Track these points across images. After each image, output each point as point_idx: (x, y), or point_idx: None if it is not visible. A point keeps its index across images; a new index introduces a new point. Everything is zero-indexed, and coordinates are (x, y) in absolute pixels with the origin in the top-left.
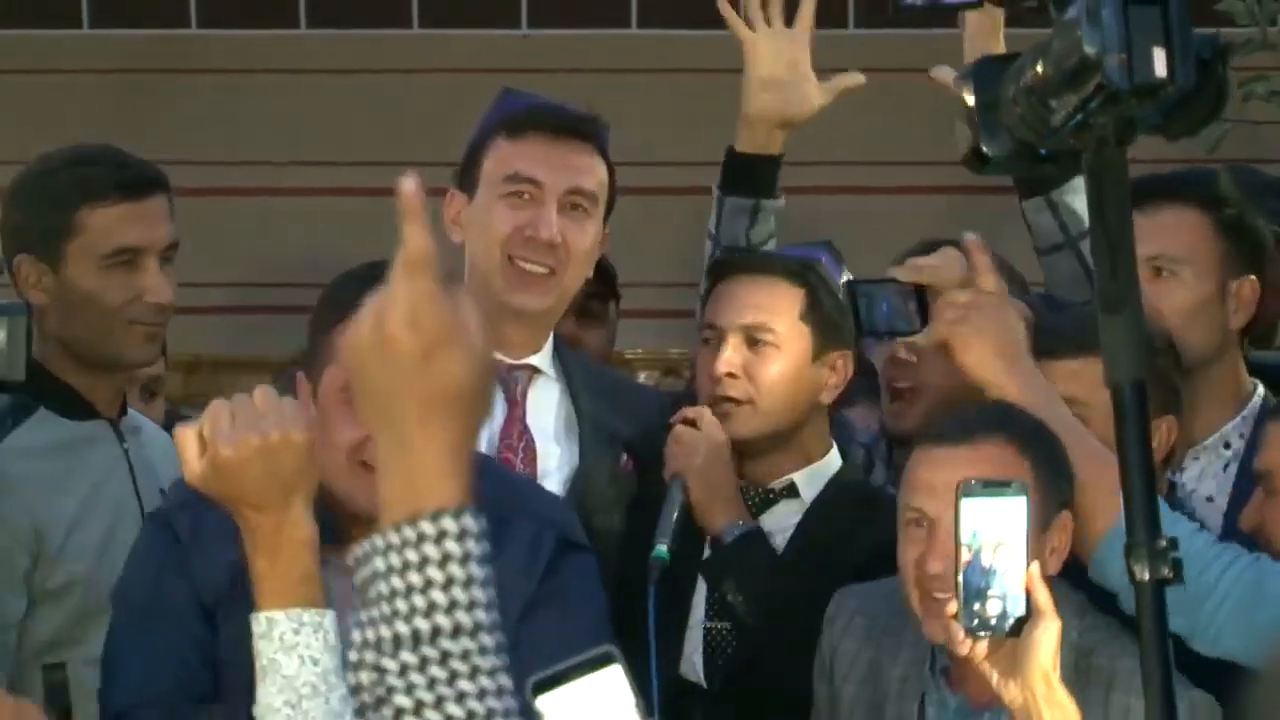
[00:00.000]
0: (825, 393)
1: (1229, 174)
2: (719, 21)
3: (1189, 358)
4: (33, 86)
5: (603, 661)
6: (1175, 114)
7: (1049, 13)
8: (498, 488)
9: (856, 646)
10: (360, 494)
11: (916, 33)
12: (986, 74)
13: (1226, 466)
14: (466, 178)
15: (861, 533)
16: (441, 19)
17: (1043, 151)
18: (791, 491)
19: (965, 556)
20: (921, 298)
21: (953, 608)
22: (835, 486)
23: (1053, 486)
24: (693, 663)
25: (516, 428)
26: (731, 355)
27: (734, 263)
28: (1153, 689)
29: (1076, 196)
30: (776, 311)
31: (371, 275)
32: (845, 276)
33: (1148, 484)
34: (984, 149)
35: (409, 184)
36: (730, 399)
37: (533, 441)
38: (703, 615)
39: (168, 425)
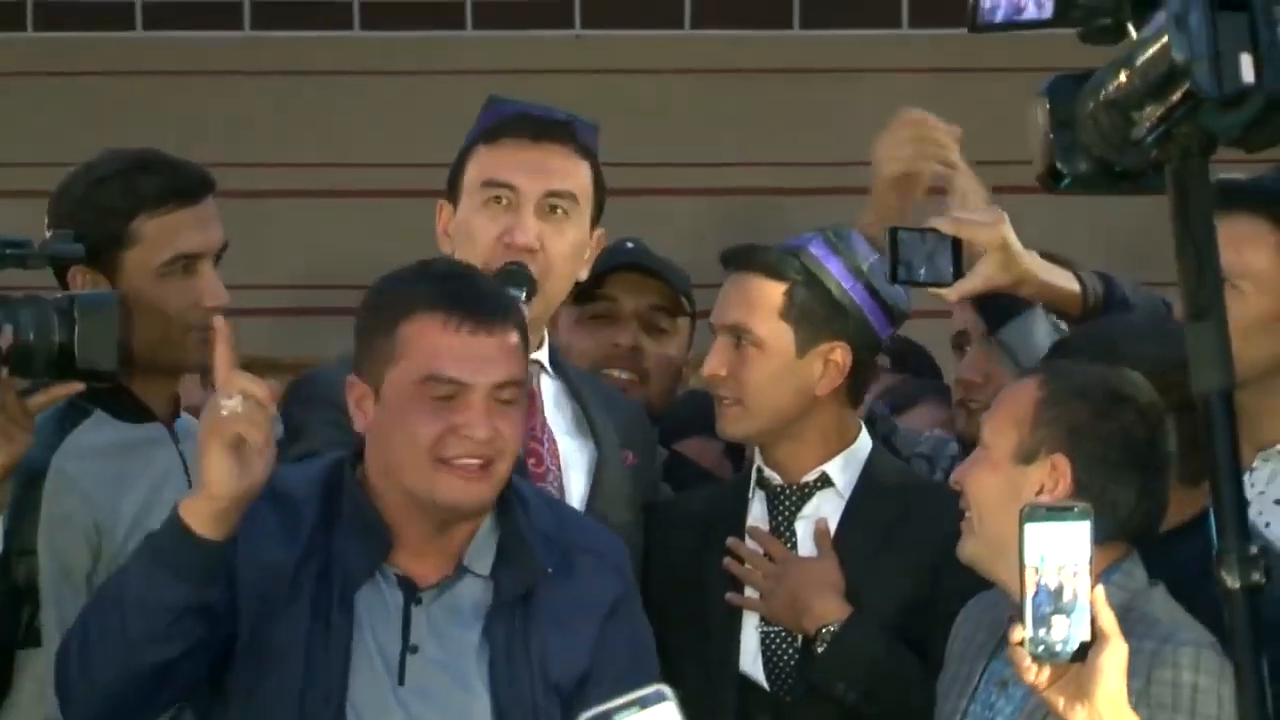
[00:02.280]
0: (821, 385)
1: None
2: (773, 22)
3: (1243, 372)
4: (87, 89)
5: (655, 700)
6: (1257, 125)
7: (1124, 31)
8: (555, 519)
9: (969, 629)
10: (443, 491)
11: (964, 33)
12: (1061, 91)
13: None
14: (452, 188)
15: (903, 520)
16: (494, 20)
17: (1118, 169)
18: (825, 481)
19: (1030, 581)
20: (957, 251)
21: (1019, 634)
22: (868, 476)
23: None
24: (756, 665)
25: (538, 419)
26: (717, 356)
27: (727, 257)
28: (1247, 695)
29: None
30: (755, 310)
31: (424, 273)
32: (838, 263)
33: (1237, 491)
34: (1059, 167)
35: None
36: (722, 398)
37: (553, 434)
38: (757, 619)
39: None
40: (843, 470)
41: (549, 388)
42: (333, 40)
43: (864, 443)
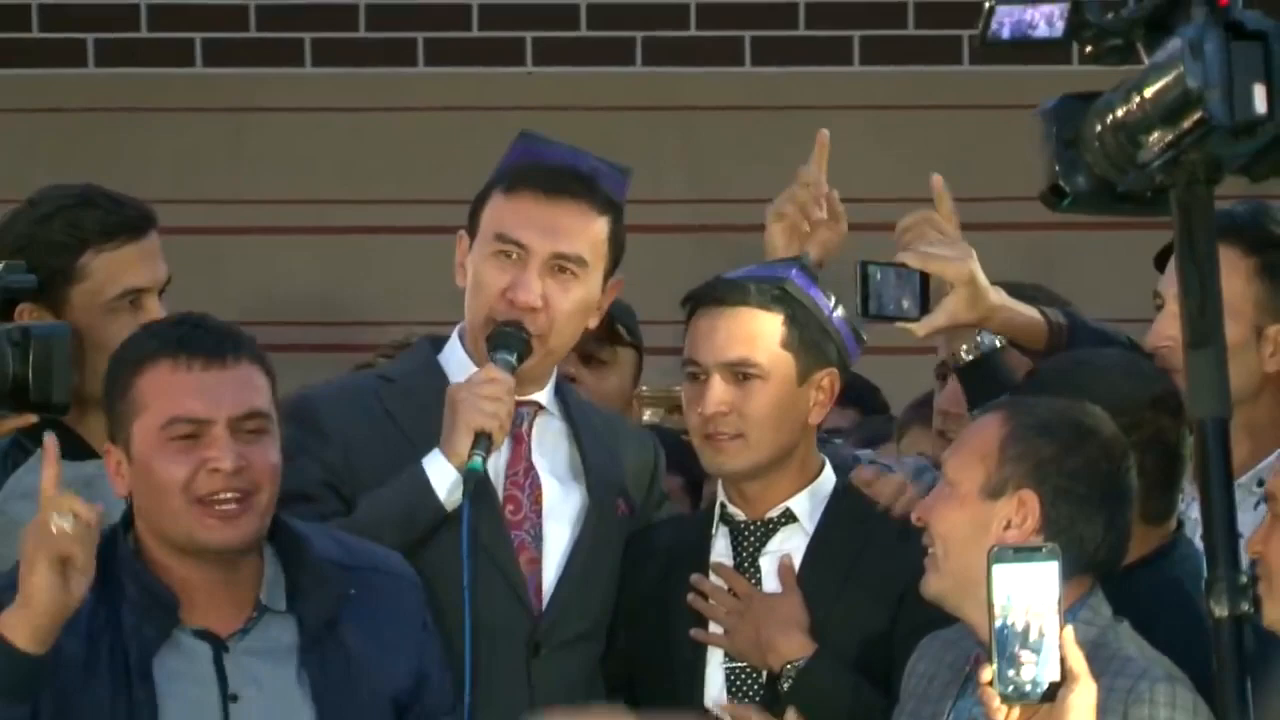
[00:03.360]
0: (814, 413)
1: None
2: (723, 59)
3: None
4: (36, 125)
5: None
6: (1264, 155)
7: (1135, 53)
8: (340, 547)
9: (927, 666)
10: (203, 533)
11: (920, 70)
12: (1068, 111)
13: (1258, 504)
14: (471, 223)
15: (867, 555)
16: (447, 57)
17: (1121, 190)
18: (789, 517)
19: (999, 622)
20: (925, 287)
21: (988, 674)
22: (832, 511)
23: None
24: (722, 701)
25: (522, 464)
26: (718, 393)
27: (707, 294)
28: None
29: None
30: (757, 343)
31: (152, 329)
32: (818, 291)
33: (1229, 520)
34: (1062, 185)
35: None
36: (722, 434)
37: (538, 479)
38: (722, 655)
39: None
40: (807, 505)
41: (547, 430)
42: (285, 77)
43: (828, 476)
